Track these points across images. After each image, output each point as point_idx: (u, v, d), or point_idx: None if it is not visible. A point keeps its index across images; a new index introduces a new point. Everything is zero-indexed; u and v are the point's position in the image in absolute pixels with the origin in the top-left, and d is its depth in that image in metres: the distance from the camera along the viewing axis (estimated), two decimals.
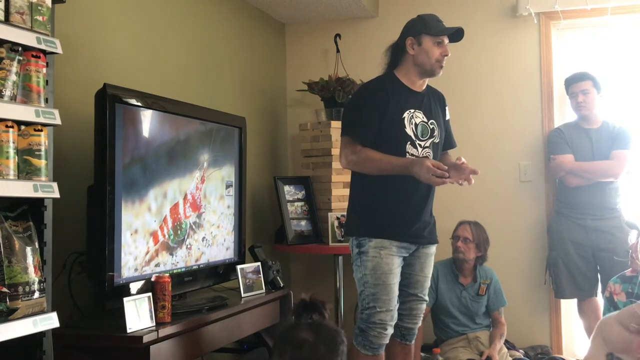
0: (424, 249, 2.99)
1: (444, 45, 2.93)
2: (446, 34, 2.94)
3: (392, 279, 2.86)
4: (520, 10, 4.15)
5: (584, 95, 3.85)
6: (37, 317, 1.83)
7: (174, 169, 2.85)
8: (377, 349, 2.87)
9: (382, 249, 2.85)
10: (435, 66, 2.93)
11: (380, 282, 2.84)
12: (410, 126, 2.90)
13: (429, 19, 2.96)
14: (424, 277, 3.01)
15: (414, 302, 3.00)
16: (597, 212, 3.80)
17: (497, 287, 3.85)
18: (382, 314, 2.84)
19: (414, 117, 2.92)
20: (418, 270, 2.99)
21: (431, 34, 2.91)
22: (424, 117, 2.95)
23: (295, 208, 4.08)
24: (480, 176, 4.26)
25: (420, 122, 2.93)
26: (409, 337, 3.04)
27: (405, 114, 2.90)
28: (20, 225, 1.87)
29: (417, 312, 3.02)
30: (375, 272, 2.84)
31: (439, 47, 2.92)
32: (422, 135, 2.93)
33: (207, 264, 3.09)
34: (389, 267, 2.85)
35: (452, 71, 4.37)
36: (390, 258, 2.86)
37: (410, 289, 2.99)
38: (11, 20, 1.83)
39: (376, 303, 2.83)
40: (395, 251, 2.88)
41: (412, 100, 2.94)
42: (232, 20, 4.00)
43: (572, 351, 4.20)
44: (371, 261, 2.85)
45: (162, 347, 2.39)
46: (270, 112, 4.47)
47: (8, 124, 1.81)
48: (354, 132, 2.90)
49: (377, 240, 2.85)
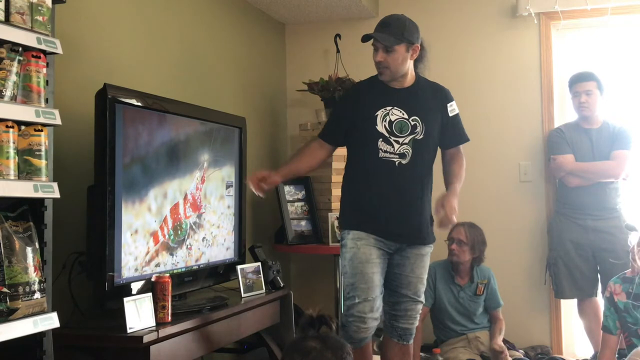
0: (412, 249, 2.97)
1: (376, 50, 2.92)
2: (364, 41, 2.94)
3: (370, 268, 2.86)
4: (520, 10, 4.15)
5: (587, 96, 3.84)
6: (37, 317, 1.83)
7: (174, 169, 2.85)
8: (358, 342, 2.87)
9: (359, 240, 2.89)
10: (377, 70, 2.96)
11: (357, 272, 2.86)
12: (383, 123, 2.90)
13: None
14: (415, 278, 2.98)
15: (408, 303, 2.99)
16: (597, 213, 3.80)
17: (494, 288, 3.85)
18: (360, 304, 2.83)
19: (390, 115, 2.92)
20: (409, 271, 2.97)
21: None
22: (404, 114, 2.93)
23: (295, 208, 4.08)
24: (480, 176, 4.31)
25: (398, 119, 2.92)
26: (407, 337, 3.03)
27: (379, 112, 2.92)
28: (20, 226, 1.87)
29: (412, 313, 3.00)
30: (353, 262, 2.88)
31: (374, 52, 2.94)
32: (401, 132, 2.92)
33: (207, 264, 3.09)
34: (366, 257, 2.87)
35: (452, 71, 4.39)
36: (368, 248, 2.88)
37: (403, 289, 2.98)
38: (11, 20, 1.83)
39: (355, 292, 2.85)
40: (374, 242, 2.90)
41: (390, 97, 2.95)
42: (232, 20, 4.00)
43: (572, 351, 4.20)
44: (349, 252, 2.90)
45: (162, 347, 2.39)
46: (270, 112, 4.47)
47: (8, 124, 1.81)
48: (321, 131, 3.09)
49: (355, 232, 2.91)
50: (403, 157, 2.91)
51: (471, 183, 4.30)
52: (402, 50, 2.88)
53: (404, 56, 2.89)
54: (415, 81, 3.01)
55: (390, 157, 2.90)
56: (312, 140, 3.14)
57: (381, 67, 2.91)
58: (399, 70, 2.92)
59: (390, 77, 2.93)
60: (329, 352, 1.92)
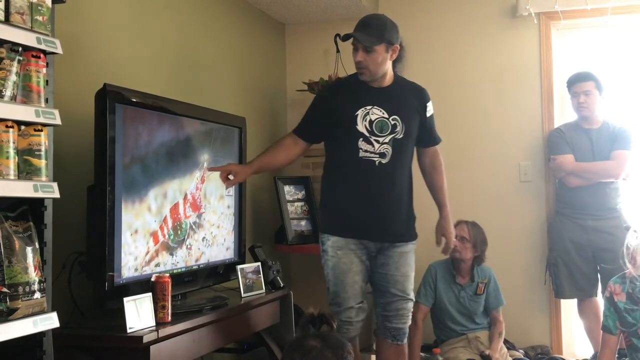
0: (395, 247, 2.98)
1: (356, 50, 2.92)
2: (343, 40, 2.94)
3: (351, 277, 2.93)
4: (520, 10, 4.15)
5: (586, 97, 3.84)
6: (37, 317, 1.83)
7: (174, 169, 2.85)
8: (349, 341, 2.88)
9: (339, 248, 2.94)
10: (357, 70, 2.97)
11: (339, 281, 2.94)
12: (364, 123, 2.91)
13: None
14: (401, 276, 2.99)
15: (399, 301, 3.00)
16: (597, 213, 3.80)
17: (495, 287, 3.85)
18: (347, 311, 2.93)
19: (370, 114, 2.92)
20: (394, 270, 2.98)
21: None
22: (384, 113, 2.94)
23: (295, 208, 4.08)
24: (480, 176, 4.31)
25: (378, 118, 2.93)
26: (400, 337, 3.03)
27: (359, 111, 2.92)
28: (20, 225, 1.87)
29: (404, 312, 3.01)
30: (335, 272, 2.95)
31: (353, 52, 2.94)
32: (381, 131, 2.92)
33: (207, 264, 3.09)
34: (347, 267, 2.93)
35: (452, 71, 4.39)
36: (348, 257, 2.93)
37: (392, 289, 2.99)
38: (11, 20, 1.83)
39: (339, 300, 2.94)
40: (354, 248, 2.94)
41: (370, 97, 2.95)
42: (232, 20, 4.00)
43: (572, 351, 4.20)
44: (331, 260, 2.96)
45: (162, 347, 2.39)
46: (270, 112, 4.47)
47: (8, 124, 1.81)
48: (296, 126, 3.09)
49: (334, 238, 2.95)
50: (383, 156, 2.93)
51: (471, 183, 4.32)
52: (382, 50, 2.89)
53: (384, 56, 2.90)
54: (394, 81, 3.02)
55: (370, 156, 2.92)
56: (287, 136, 3.10)
57: (361, 67, 2.92)
58: (379, 71, 2.93)
59: (370, 77, 2.94)
60: (329, 352, 1.92)
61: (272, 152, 3.06)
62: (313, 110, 3.09)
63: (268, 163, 3.06)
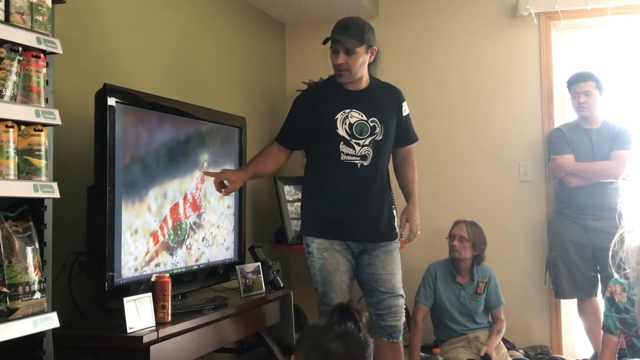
0: (380, 247, 3.02)
1: (336, 53, 2.93)
2: (324, 43, 2.96)
3: (338, 277, 2.96)
4: (520, 10, 4.15)
5: (586, 97, 3.84)
6: (37, 317, 1.83)
7: (174, 169, 2.85)
8: None
9: (324, 250, 2.98)
10: (336, 73, 2.98)
11: (327, 282, 2.97)
12: (344, 126, 2.93)
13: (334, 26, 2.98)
14: (388, 274, 3.02)
15: (390, 299, 3.02)
16: (597, 213, 3.79)
17: (495, 286, 3.85)
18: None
19: (349, 117, 2.95)
20: (380, 269, 3.01)
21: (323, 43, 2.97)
22: (362, 115, 2.96)
23: (295, 208, 4.07)
24: (480, 176, 4.31)
25: (357, 121, 2.95)
26: (395, 334, 3.05)
27: (338, 115, 2.94)
28: (20, 226, 1.87)
29: (396, 309, 3.03)
30: (322, 273, 2.98)
31: (333, 55, 2.96)
32: (361, 134, 2.95)
33: (207, 264, 3.09)
34: (334, 267, 2.97)
35: (452, 71, 4.39)
36: (334, 257, 2.97)
37: (381, 287, 3.02)
38: (11, 20, 1.83)
39: (327, 300, 2.97)
40: (339, 249, 2.98)
41: (348, 100, 2.98)
42: (232, 20, 4.00)
43: (572, 351, 4.20)
44: (317, 262, 2.99)
45: (162, 347, 2.39)
46: (270, 112, 4.46)
47: (8, 124, 1.81)
48: (278, 134, 3.12)
49: (319, 240, 2.98)
50: (364, 158, 2.96)
51: (471, 183, 4.32)
52: (363, 52, 2.93)
53: (364, 58, 2.95)
54: (370, 82, 3.05)
55: (352, 159, 2.95)
56: (272, 143, 3.13)
57: (342, 69, 2.94)
58: (358, 73, 2.96)
59: (349, 79, 2.96)
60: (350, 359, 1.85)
61: (262, 160, 3.09)
62: (292, 118, 3.12)
63: (262, 169, 3.11)
